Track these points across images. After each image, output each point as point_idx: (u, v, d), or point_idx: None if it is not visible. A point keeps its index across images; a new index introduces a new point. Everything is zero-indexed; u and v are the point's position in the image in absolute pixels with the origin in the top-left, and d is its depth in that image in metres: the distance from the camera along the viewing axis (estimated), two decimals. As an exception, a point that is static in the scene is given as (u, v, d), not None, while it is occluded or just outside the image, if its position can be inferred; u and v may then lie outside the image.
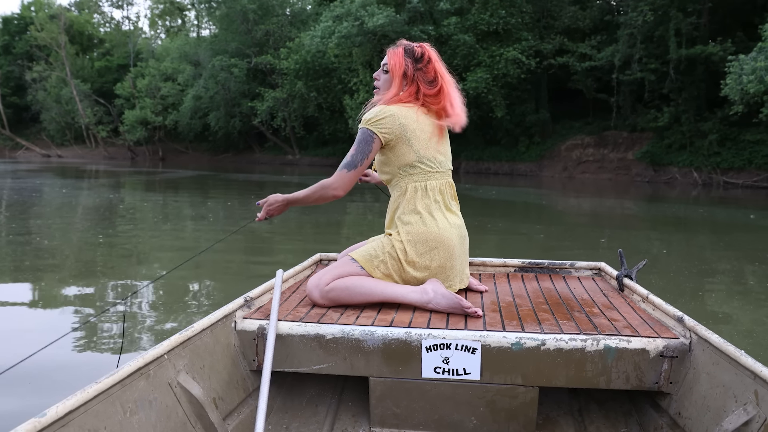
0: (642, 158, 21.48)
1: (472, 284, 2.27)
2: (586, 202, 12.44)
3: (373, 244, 2.11)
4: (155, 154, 41.34)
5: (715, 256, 5.98)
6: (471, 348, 1.72)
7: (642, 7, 20.15)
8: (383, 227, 3.15)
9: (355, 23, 23.44)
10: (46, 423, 1.09)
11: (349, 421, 1.93)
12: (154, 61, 40.29)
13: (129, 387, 1.35)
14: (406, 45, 2.13)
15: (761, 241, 7.10)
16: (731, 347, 1.53)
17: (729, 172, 19.32)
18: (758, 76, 14.44)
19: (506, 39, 23.21)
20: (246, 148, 38.63)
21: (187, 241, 6.50)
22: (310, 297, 2.04)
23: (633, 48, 20.93)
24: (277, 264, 5.24)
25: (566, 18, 23.74)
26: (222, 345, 1.77)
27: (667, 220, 9.43)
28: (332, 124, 31.51)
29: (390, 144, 2.05)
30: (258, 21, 33.40)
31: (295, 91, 30.57)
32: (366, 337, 1.75)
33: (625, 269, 2.37)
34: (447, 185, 2.15)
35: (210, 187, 15.53)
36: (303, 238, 6.93)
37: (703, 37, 20.27)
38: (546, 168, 23.81)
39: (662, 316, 1.94)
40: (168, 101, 38.15)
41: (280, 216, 7.27)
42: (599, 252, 5.95)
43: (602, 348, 1.70)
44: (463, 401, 1.78)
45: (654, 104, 21.75)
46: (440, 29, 23.12)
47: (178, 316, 3.61)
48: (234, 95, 33.54)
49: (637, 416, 1.88)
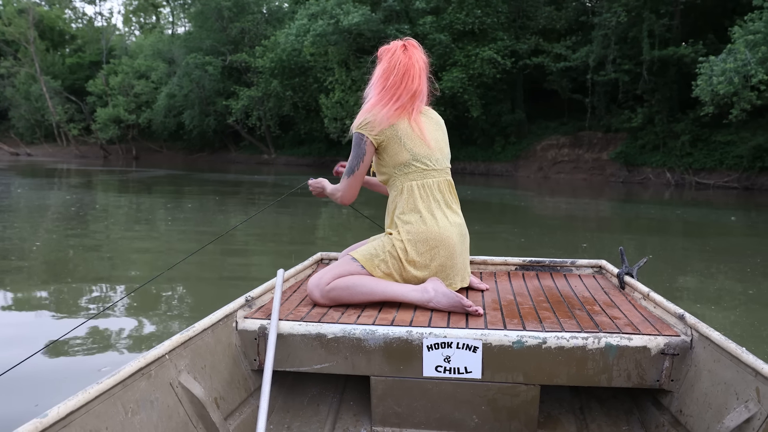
0: (616, 158, 21.61)
1: (473, 283, 2.27)
2: (563, 203, 12.39)
3: (373, 244, 2.12)
4: (129, 152, 40.63)
5: (704, 260, 5.91)
6: (472, 346, 1.72)
7: (616, 8, 20.26)
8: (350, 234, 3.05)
9: (331, 21, 23.24)
10: (48, 423, 1.10)
11: (350, 420, 1.93)
12: (128, 58, 39.58)
13: (130, 387, 1.35)
14: None
15: (746, 245, 7.06)
16: (732, 344, 1.52)
17: (701, 172, 19.50)
18: (728, 77, 14.56)
19: (482, 39, 23.18)
20: (221, 147, 38.16)
21: (154, 250, 6.26)
22: (310, 296, 2.04)
23: (607, 49, 21.04)
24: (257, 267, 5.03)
25: (542, 18, 23.79)
26: (223, 345, 1.78)
27: (651, 223, 9.38)
28: (308, 123, 31.24)
29: (382, 144, 2.08)
30: (233, 18, 32.99)
31: (271, 90, 30.24)
32: (367, 336, 1.76)
33: (626, 267, 2.35)
34: (446, 183, 2.15)
35: (180, 188, 15.19)
36: (277, 241, 6.72)
37: (676, 39, 20.45)
38: (522, 168, 23.84)
39: (663, 313, 1.94)
40: (141, 99, 37.54)
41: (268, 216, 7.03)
42: (582, 258, 5.84)
43: (603, 346, 1.70)
44: (464, 400, 1.77)
45: (628, 105, 21.91)
46: (416, 28, 23.01)
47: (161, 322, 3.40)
48: (209, 93, 33.08)
49: (639, 414, 1.88)
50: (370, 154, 2.10)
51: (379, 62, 2.16)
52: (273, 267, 5.07)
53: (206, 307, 3.77)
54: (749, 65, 14.37)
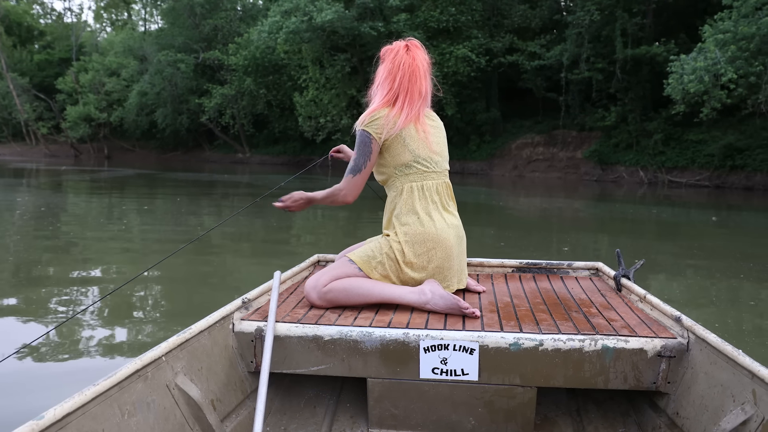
0: (590, 157, 21.65)
1: (470, 285, 2.28)
2: (539, 202, 12.27)
3: (370, 245, 2.11)
4: (100, 151, 39.86)
5: (694, 264, 5.78)
6: (469, 348, 1.72)
7: (589, 7, 20.28)
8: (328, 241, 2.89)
9: (304, 19, 22.91)
10: (44, 425, 1.10)
11: (347, 422, 1.92)
12: (98, 55, 38.76)
13: (127, 389, 1.35)
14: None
15: (733, 246, 6.96)
16: (729, 347, 1.53)
17: (673, 171, 19.61)
18: (698, 76, 14.60)
19: (456, 37, 23.06)
20: (195, 146, 37.60)
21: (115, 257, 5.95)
22: (307, 298, 2.03)
23: (581, 47, 21.06)
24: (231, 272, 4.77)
25: (516, 17, 23.75)
26: (220, 347, 1.77)
27: (634, 225, 9.28)
28: (282, 121, 30.89)
29: (386, 144, 2.07)
30: (206, 15, 32.47)
31: (244, 88, 29.82)
32: (364, 338, 1.75)
33: (622, 269, 2.35)
34: (444, 185, 2.15)
35: (149, 188, 14.80)
36: (253, 246, 6.45)
37: (648, 38, 20.54)
38: (496, 167, 23.77)
39: (660, 315, 1.93)
40: (113, 97, 36.84)
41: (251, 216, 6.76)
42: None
43: (600, 348, 1.70)
44: (461, 402, 1.77)
45: (602, 103, 21.96)
46: (390, 26, 22.80)
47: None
48: (181, 92, 32.52)
49: (635, 416, 1.88)
50: (376, 153, 2.08)
51: (382, 62, 2.15)
52: (251, 271, 4.82)
53: (185, 309, 3.52)
54: (719, 64, 14.42)
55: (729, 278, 4.99)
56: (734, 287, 4.63)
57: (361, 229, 7.81)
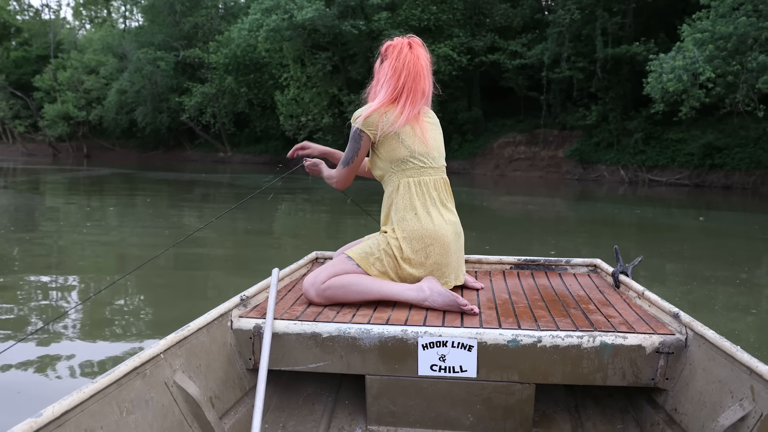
0: (571, 156, 21.66)
1: (468, 282, 2.28)
2: (522, 202, 12.20)
3: (368, 242, 2.12)
4: (79, 150, 39.28)
5: (688, 267, 5.70)
6: (467, 345, 1.72)
7: (569, 6, 20.27)
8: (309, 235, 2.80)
9: (284, 16, 22.69)
10: (42, 423, 1.09)
11: (345, 419, 1.92)
12: (77, 52, 38.14)
13: (125, 386, 1.35)
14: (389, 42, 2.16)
15: (727, 248, 6.89)
16: (727, 343, 1.53)
17: (654, 170, 19.68)
18: (677, 74, 14.62)
19: (438, 35, 22.95)
20: (176, 145, 37.16)
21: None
22: (306, 295, 2.03)
23: (562, 46, 21.05)
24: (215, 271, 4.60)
25: (498, 15, 23.70)
26: (218, 344, 1.76)
27: (622, 227, 9.23)
28: (264, 120, 30.61)
29: (381, 140, 2.08)
30: (186, 13, 32.09)
31: (225, 86, 29.51)
32: (362, 335, 1.75)
33: (620, 265, 2.34)
34: (441, 181, 2.15)
35: (122, 188, 14.52)
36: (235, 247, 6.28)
37: (629, 38, 20.58)
38: (478, 166, 23.72)
39: (658, 312, 1.93)
40: (92, 95, 36.31)
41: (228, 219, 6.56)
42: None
43: (598, 345, 1.69)
44: (459, 399, 1.77)
45: (583, 102, 21.98)
46: (371, 24, 22.65)
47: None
48: (161, 90, 32.10)
49: (634, 413, 1.88)
50: (366, 148, 2.12)
51: (384, 59, 2.15)
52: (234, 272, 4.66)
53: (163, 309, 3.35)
54: (697, 63, 14.45)
55: (725, 284, 4.92)
56: (731, 292, 4.56)
57: (343, 232, 7.68)
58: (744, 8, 14.47)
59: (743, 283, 4.76)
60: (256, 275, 4.38)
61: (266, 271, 2.47)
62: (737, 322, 3.62)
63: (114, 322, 3.43)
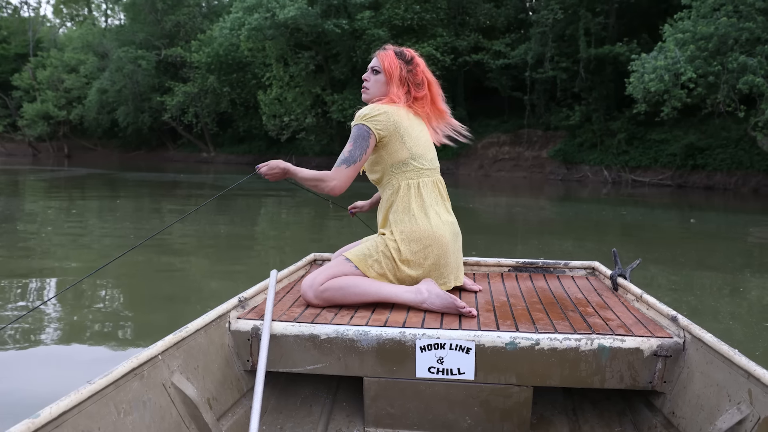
0: (555, 156, 21.62)
1: (467, 284, 2.27)
2: (508, 203, 12.08)
3: (367, 244, 2.11)
4: (60, 150, 38.70)
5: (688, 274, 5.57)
6: (465, 348, 1.71)
7: (553, 6, 20.21)
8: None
9: (267, 15, 22.43)
10: (40, 424, 1.09)
11: (343, 421, 1.92)
12: (57, 51, 37.54)
13: (123, 388, 1.34)
14: (395, 48, 2.18)
15: (725, 253, 6.77)
16: (725, 346, 1.52)
17: (637, 170, 19.68)
18: (658, 75, 14.58)
19: (421, 35, 22.82)
20: (159, 145, 36.72)
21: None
22: (304, 297, 2.03)
23: (545, 46, 21.00)
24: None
25: (481, 15, 23.61)
26: (216, 345, 1.76)
27: (606, 226, 9.12)
28: (247, 120, 30.31)
29: (383, 141, 2.08)
30: (168, 11, 31.69)
31: (207, 86, 29.16)
32: (360, 337, 1.75)
33: (619, 268, 2.33)
34: (438, 183, 2.18)
35: (96, 189, 14.22)
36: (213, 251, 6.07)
37: (612, 38, 20.57)
38: (462, 166, 23.62)
39: (656, 315, 1.93)
40: (72, 94, 35.79)
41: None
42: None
43: (596, 347, 1.69)
44: (457, 401, 1.77)
45: (566, 103, 21.94)
46: (354, 23, 22.46)
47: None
48: (143, 89, 31.66)
49: (632, 416, 1.87)
50: (372, 148, 2.08)
51: (411, 61, 2.17)
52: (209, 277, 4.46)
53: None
54: (679, 63, 14.42)
55: (720, 288, 4.80)
56: (726, 295, 4.44)
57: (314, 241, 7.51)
58: (725, 9, 14.46)
59: (738, 286, 4.65)
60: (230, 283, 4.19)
61: (257, 275, 2.36)
62: (732, 326, 3.50)
63: (57, 329, 3.24)
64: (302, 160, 28.00)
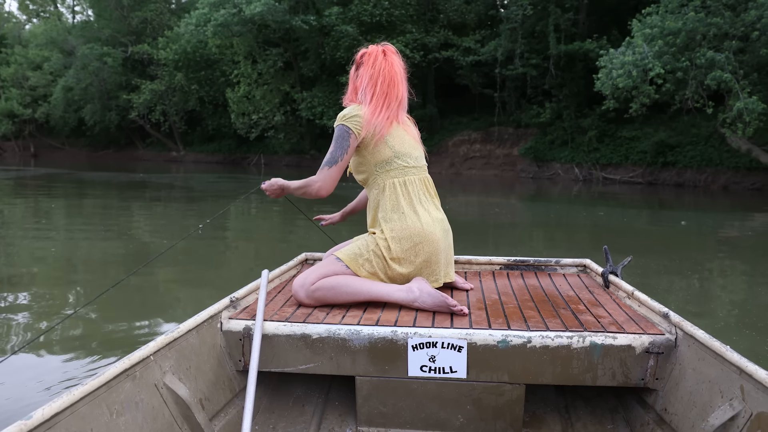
0: (526, 154, 21.38)
1: (458, 282, 2.27)
2: (479, 202, 11.72)
3: (357, 243, 2.12)
4: (26, 150, 37.70)
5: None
6: (457, 346, 1.71)
7: (522, 2, 19.94)
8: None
9: (233, 11, 21.89)
10: (32, 425, 1.09)
11: (335, 420, 1.92)
12: (21, 47, 36.51)
13: (115, 389, 1.34)
14: (363, 50, 2.19)
15: (726, 260, 6.46)
16: (717, 343, 1.53)
17: (607, 167, 19.52)
18: (626, 70, 14.36)
19: (391, 31, 22.41)
20: (128, 144, 35.91)
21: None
22: (295, 297, 2.03)
23: (515, 43, 20.72)
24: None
25: (451, 12, 23.26)
26: (208, 346, 1.76)
27: (601, 227, 8.80)
28: (216, 118, 29.69)
29: (365, 141, 2.09)
30: (134, 7, 30.89)
31: (175, 84, 28.46)
32: (352, 336, 1.75)
33: (610, 266, 2.33)
34: (425, 180, 2.18)
35: (45, 191, 13.62)
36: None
37: (582, 34, 20.37)
38: (433, 164, 23.26)
39: (648, 312, 1.93)
40: (38, 92, 34.81)
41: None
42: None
43: (588, 345, 1.69)
44: (449, 399, 1.77)
45: (537, 100, 21.71)
46: (322, 19, 21.99)
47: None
48: (110, 87, 30.84)
49: (624, 413, 1.87)
50: (354, 147, 2.08)
51: (360, 66, 2.18)
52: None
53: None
54: (647, 59, 14.21)
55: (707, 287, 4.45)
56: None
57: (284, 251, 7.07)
58: (693, 4, 14.28)
59: (725, 285, 4.32)
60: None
61: (248, 275, 2.08)
62: (724, 325, 3.15)
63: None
64: (272, 159, 27.47)
